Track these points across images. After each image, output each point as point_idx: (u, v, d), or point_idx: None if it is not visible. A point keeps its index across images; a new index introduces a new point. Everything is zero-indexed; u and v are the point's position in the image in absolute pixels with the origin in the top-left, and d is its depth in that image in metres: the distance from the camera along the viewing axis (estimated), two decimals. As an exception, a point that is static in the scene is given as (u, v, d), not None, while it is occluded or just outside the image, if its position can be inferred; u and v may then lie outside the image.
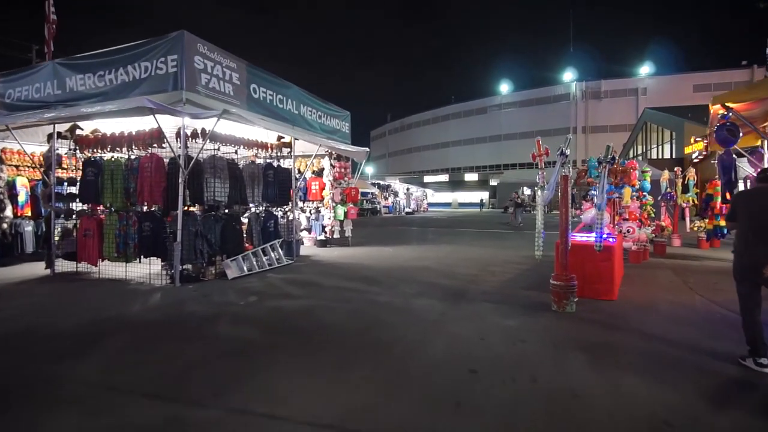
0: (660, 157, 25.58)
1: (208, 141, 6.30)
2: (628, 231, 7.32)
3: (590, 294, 5.11)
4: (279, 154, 8.57)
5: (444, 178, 55.41)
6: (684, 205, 10.79)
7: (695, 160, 21.78)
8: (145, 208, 6.54)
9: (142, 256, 6.41)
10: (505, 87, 62.44)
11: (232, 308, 4.78)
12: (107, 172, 6.47)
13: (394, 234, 15.26)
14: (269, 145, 8.20)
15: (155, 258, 6.41)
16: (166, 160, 6.23)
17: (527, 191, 37.91)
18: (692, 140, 22.21)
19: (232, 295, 5.36)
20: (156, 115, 5.61)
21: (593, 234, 5.49)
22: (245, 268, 6.67)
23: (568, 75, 56.35)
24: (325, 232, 10.76)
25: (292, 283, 6.12)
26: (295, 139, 8.34)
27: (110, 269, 6.59)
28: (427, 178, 56.67)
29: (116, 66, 6.48)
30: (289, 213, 8.64)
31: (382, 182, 33.49)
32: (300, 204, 11.32)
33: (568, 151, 4.80)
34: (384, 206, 31.43)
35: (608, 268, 5.21)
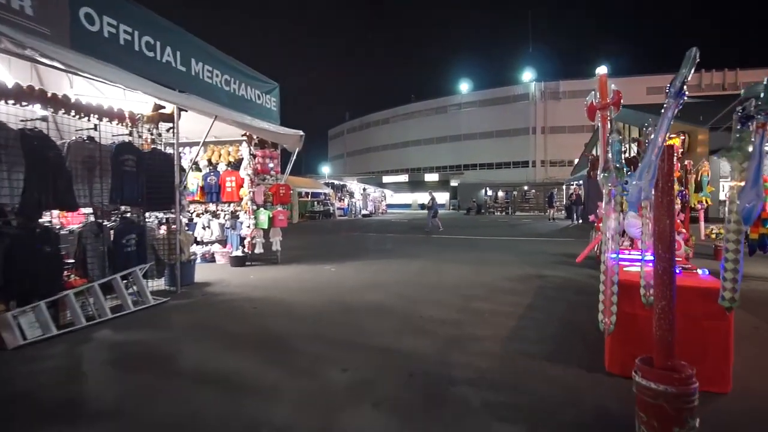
0: (628, 155, 24.43)
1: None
2: (671, 246, 5.02)
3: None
4: (153, 130, 5.62)
5: (404, 178, 53.30)
6: (699, 206, 8.82)
7: (670, 158, 20.64)
8: None
9: None
10: (465, 86, 61.42)
11: None
12: None
13: (344, 243, 12.53)
14: (129, 117, 5.24)
15: None
16: None
17: (489, 192, 36.41)
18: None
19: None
20: None
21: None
22: (52, 327, 3.71)
23: (528, 75, 56.00)
24: (243, 246, 7.88)
25: (108, 365, 3.25)
26: (181, 109, 5.46)
27: None
28: (386, 179, 54.35)
29: None
30: (171, 222, 5.71)
31: (336, 182, 30.64)
32: (212, 207, 8.37)
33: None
34: (338, 208, 28.60)
35: (722, 334, 2.77)
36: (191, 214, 8.61)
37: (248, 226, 7.80)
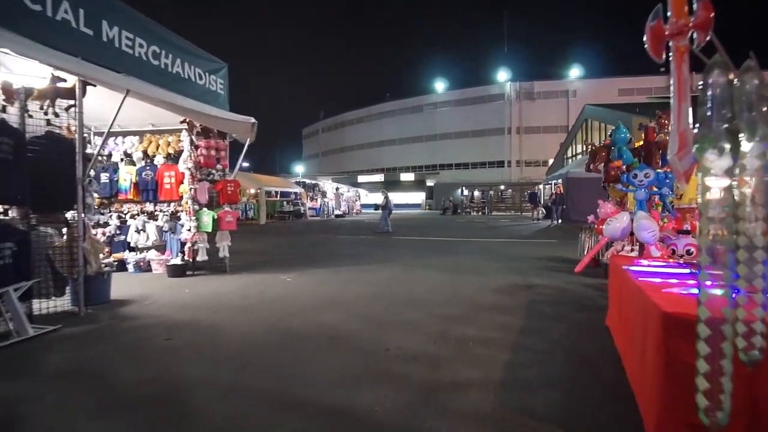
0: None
1: None
2: (689, 252, 4.16)
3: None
4: (48, 109, 4.39)
5: (379, 178, 52.37)
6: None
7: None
8: None
9: None
10: (440, 85, 61.04)
11: None
12: None
13: (310, 247, 11.41)
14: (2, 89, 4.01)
15: None
16: None
17: (465, 192, 35.89)
18: (642, 135, 20.85)
19: None
20: None
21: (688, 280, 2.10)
22: None
23: (503, 75, 56.00)
24: (183, 253, 6.68)
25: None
26: (87, 82, 4.27)
27: None
28: (361, 178, 53.32)
29: None
30: (73, 226, 4.50)
31: (308, 181, 29.33)
32: (149, 207, 7.14)
33: None
34: (310, 208, 27.34)
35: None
36: (125, 215, 7.35)
37: (189, 230, 6.61)
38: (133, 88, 4.37)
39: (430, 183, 49.19)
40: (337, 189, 29.82)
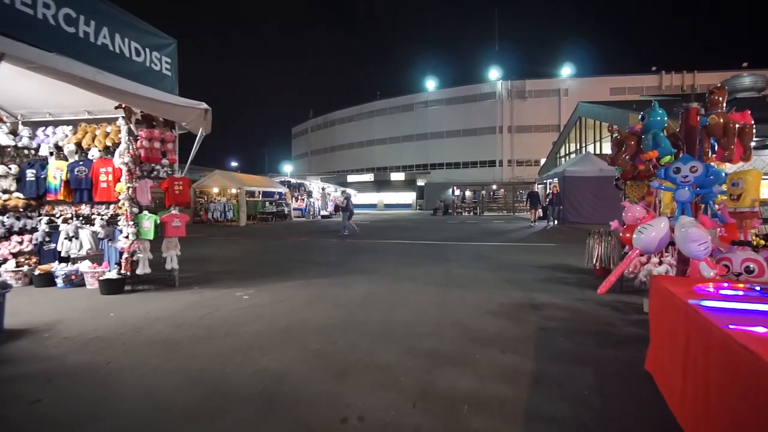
0: (600, 153, 23.39)
1: None
2: (749, 270, 3.17)
3: None
4: None
5: (369, 177, 51.25)
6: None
7: (647, 155, 19.54)
8: None
9: None
10: (431, 84, 60.15)
11: None
12: None
13: (284, 252, 10.32)
14: None
15: None
16: None
17: (457, 191, 34.98)
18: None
19: None
20: None
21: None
22: None
23: (494, 73, 55.30)
24: (120, 265, 5.56)
25: None
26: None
27: None
28: (350, 178, 52.18)
29: None
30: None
31: (293, 180, 28.13)
32: (85, 210, 6.02)
33: None
34: (295, 209, 26.18)
35: None
36: (57, 219, 6.21)
37: (126, 237, 5.50)
38: (10, 51, 3.25)
39: (420, 183, 48.21)
40: (323, 189, 28.65)
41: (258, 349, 3.39)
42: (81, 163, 5.92)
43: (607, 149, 23.96)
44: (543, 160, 39.84)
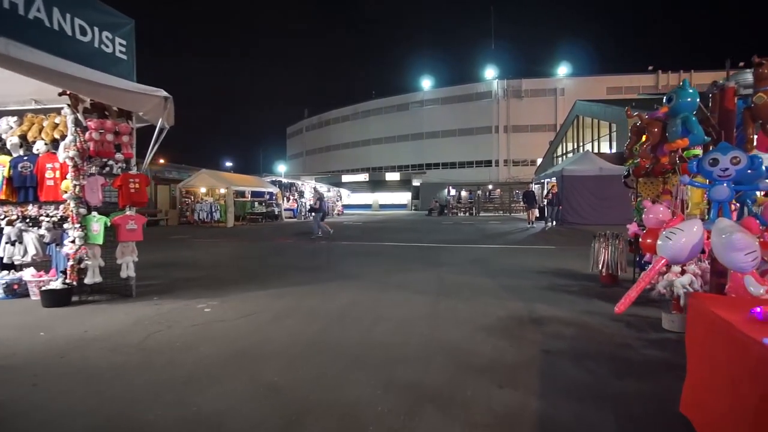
0: (598, 152, 22.87)
1: None
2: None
3: None
4: None
5: (364, 177, 50.63)
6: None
7: (647, 154, 19.00)
8: None
9: None
10: (427, 83, 59.65)
11: None
12: None
13: (267, 255, 9.67)
14: None
15: None
16: None
17: (452, 191, 34.44)
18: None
19: None
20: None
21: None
22: None
23: (490, 72, 54.87)
24: (65, 273, 4.90)
25: None
26: None
27: None
28: (345, 178, 51.55)
29: None
30: None
31: (284, 180, 27.42)
32: (32, 210, 5.36)
33: None
34: (287, 209, 25.50)
35: None
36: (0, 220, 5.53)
37: (72, 241, 4.84)
38: None
39: (416, 183, 47.64)
40: (315, 189, 27.94)
41: (198, 382, 2.75)
42: (25, 158, 5.25)
43: (605, 148, 23.46)
44: (539, 160, 39.38)
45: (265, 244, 12.18)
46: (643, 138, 3.35)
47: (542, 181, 20.01)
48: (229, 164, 57.89)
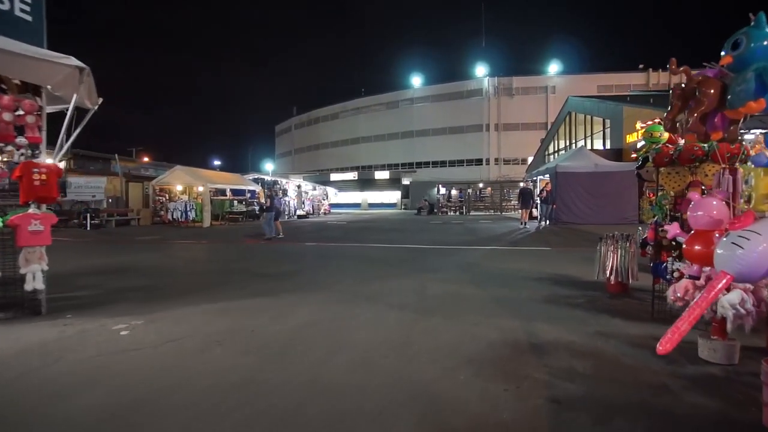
0: (592, 148, 22.18)
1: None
2: None
3: None
4: None
5: (352, 176, 49.64)
6: None
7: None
8: None
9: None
10: (417, 80, 58.82)
11: None
12: None
13: (232, 260, 8.69)
14: None
15: None
16: None
17: (442, 190, 33.65)
18: (637, 126, 18.80)
19: None
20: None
21: None
22: None
23: (481, 70, 54.22)
24: (-55, 287, 3.89)
25: None
26: None
27: None
28: (334, 176, 50.55)
29: None
30: None
31: (267, 177, 26.31)
32: None
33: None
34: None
35: None
36: None
37: (-45, 247, 3.83)
38: None
39: (406, 181, 46.76)
40: (299, 187, 26.90)
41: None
42: None
43: (598, 145, 22.78)
44: (530, 158, 38.75)
45: (237, 246, 11.17)
46: (692, 105, 2.45)
47: (534, 178, 19.22)
48: (217, 163, 56.52)
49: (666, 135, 4.90)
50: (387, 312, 4.27)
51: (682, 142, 4.19)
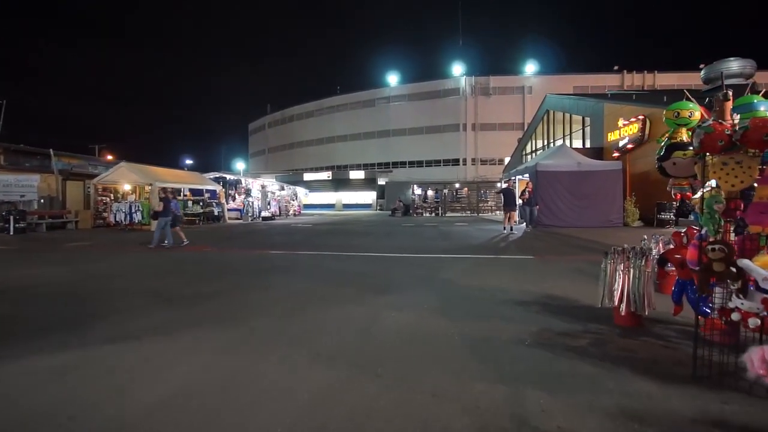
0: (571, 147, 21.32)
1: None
2: None
3: None
4: None
5: (327, 176, 48.06)
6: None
7: (627, 148, 17.41)
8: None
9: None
10: (393, 78, 57.70)
11: None
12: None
13: (148, 274, 7.12)
14: None
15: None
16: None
17: (418, 190, 32.51)
18: (619, 123, 17.94)
19: None
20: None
21: None
22: None
23: (458, 69, 53.54)
24: None
25: None
26: None
27: None
28: (308, 176, 48.86)
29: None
30: None
31: (229, 176, 24.49)
32: None
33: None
34: (232, 209, 22.64)
35: None
36: None
37: None
38: None
39: (381, 182, 45.49)
40: (263, 187, 25.14)
41: None
42: None
43: (577, 144, 21.95)
44: (507, 159, 38.05)
45: (173, 255, 9.55)
46: None
47: (513, 177, 18.14)
48: (189, 162, 53.88)
49: (698, 114, 3.66)
50: (307, 369, 2.87)
51: (737, 119, 2.94)
